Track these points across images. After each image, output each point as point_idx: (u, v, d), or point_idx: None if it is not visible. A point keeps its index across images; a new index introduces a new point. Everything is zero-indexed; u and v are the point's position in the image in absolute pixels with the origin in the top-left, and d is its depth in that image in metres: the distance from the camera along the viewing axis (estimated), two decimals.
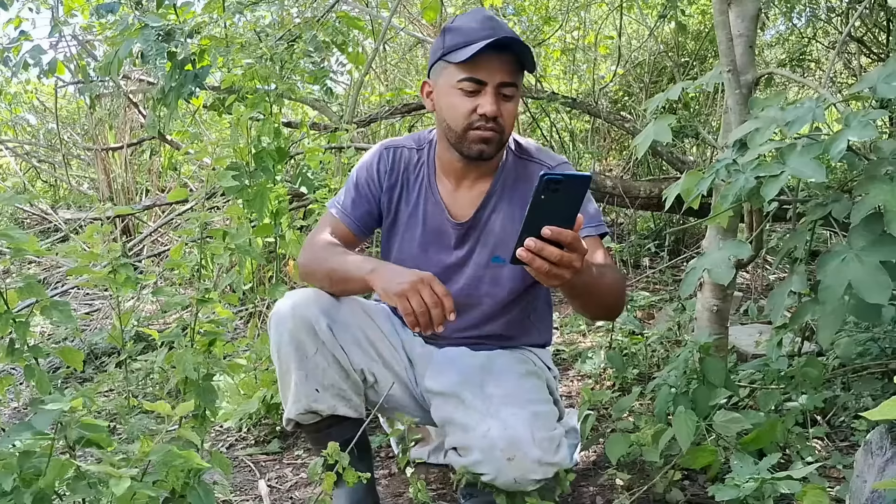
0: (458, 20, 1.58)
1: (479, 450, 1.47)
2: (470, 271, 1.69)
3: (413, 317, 1.39)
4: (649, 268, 4.10)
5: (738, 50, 1.99)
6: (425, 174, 1.71)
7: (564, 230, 1.22)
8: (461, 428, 1.53)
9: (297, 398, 1.62)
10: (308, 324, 1.58)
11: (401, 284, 1.41)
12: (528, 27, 5.12)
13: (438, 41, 1.59)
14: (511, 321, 1.75)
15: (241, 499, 1.93)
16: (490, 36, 1.49)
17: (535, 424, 1.48)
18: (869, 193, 1.42)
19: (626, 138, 5.50)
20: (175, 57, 2.72)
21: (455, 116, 1.56)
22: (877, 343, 2.29)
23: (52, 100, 5.48)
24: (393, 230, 1.74)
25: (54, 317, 1.28)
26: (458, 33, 1.54)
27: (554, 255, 1.22)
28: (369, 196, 1.73)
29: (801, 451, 1.88)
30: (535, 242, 1.21)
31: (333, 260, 1.63)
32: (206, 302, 1.41)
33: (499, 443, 1.45)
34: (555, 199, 1.20)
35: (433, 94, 1.63)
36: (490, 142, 1.56)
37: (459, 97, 1.54)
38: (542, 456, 1.46)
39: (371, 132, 5.04)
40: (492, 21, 1.55)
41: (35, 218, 5.61)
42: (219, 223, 3.98)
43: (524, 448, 1.45)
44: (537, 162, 1.69)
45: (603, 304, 1.54)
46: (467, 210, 1.68)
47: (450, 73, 1.55)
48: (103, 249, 1.39)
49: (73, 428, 1.11)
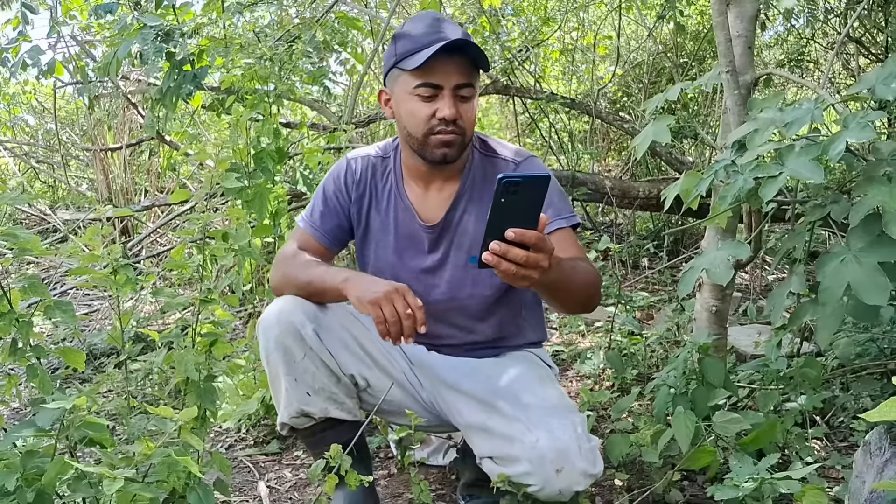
0: (407, 26, 1.58)
1: (528, 461, 1.47)
2: (448, 274, 1.69)
3: (384, 325, 1.40)
4: (648, 268, 4.10)
5: (737, 50, 1.99)
6: (393, 181, 1.71)
7: (528, 231, 1.22)
8: (503, 438, 1.52)
9: (288, 402, 1.63)
10: (294, 329, 1.58)
11: (375, 293, 1.42)
12: (527, 27, 5.12)
13: (390, 48, 1.59)
14: (502, 321, 1.74)
15: (241, 499, 1.93)
16: (440, 39, 1.50)
17: (580, 436, 1.49)
18: (867, 194, 1.43)
19: (624, 139, 5.51)
20: (173, 57, 2.72)
21: (415, 123, 1.56)
22: (875, 343, 2.30)
23: (51, 100, 5.48)
24: (366, 240, 1.74)
25: (57, 317, 1.29)
26: (408, 39, 1.55)
27: (520, 256, 1.22)
28: (338, 208, 1.73)
29: (800, 452, 1.89)
30: (499, 246, 1.21)
31: (305, 273, 1.63)
32: (208, 303, 1.41)
33: (548, 454, 1.45)
34: (515, 201, 1.19)
35: (391, 101, 1.63)
36: (452, 144, 1.57)
37: (417, 103, 1.55)
38: (587, 467, 1.47)
39: (370, 132, 5.04)
40: (440, 23, 1.55)
41: (34, 218, 5.61)
42: (218, 224, 3.98)
43: (572, 459, 1.46)
44: (503, 159, 1.69)
45: (576, 298, 1.53)
46: (437, 213, 1.68)
47: (405, 81, 1.55)
48: (103, 250, 1.39)
49: (75, 427, 1.11)
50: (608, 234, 4.33)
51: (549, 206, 1.61)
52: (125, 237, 4.76)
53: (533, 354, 1.79)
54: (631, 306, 2.66)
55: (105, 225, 3.62)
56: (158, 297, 1.49)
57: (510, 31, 5.08)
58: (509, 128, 5.93)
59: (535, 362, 1.75)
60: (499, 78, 4.41)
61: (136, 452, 1.09)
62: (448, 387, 1.68)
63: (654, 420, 1.95)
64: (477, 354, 1.74)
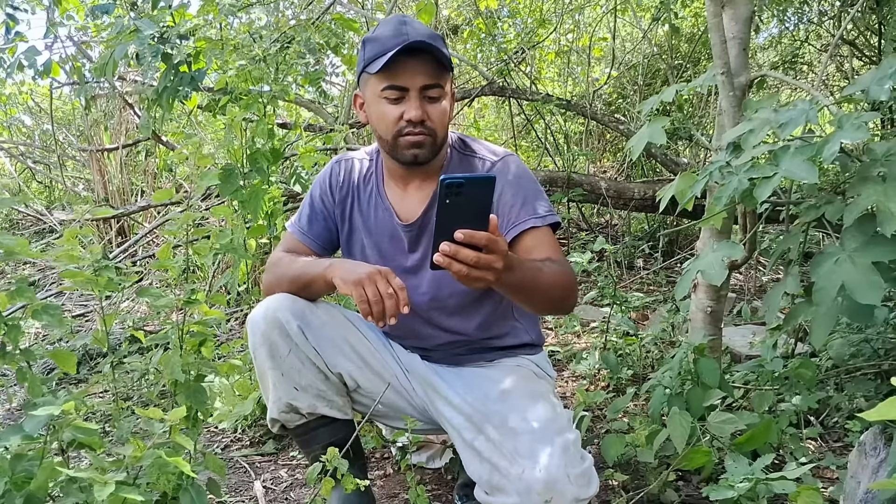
0: (376, 30, 1.59)
1: (517, 492, 1.44)
2: (429, 274, 1.68)
3: (367, 305, 1.40)
4: (643, 269, 4.11)
5: (732, 52, 1.99)
6: (374, 183, 1.73)
7: (478, 232, 1.21)
8: (490, 464, 1.50)
9: (276, 397, 1.64)
10: (279, 324, 1.59)
11: (358, 274, 1.43)
12: (523, 29, 5.13)
13: (360, 53, 1.60)
14: (488, 320, 1.72)
15: (237, 500, 1.93)
16: (403, 42, 1.50)
17: (568, 461, 1.44)
18: (861, 194, 1.43)
19: (620, 140, 5.52)
20: (170, 59, 2.71)
21: (384, 126, 1.58)
22: (870, 344, 2.30)
23: (48, 101, 5.47)
24: (351, 241, 1.75)
25: (44, 320, 1.28)
26: (375, 43, 1.55)
27: (470, 257, 1.22)
28: (324, 211, 1.75)
29: (794, 452, 1.89)
30: (448, 247, 1.21)
31: (292, 268, 1.64)
32: (192, 303, 1.41)
33: (535, 486, 1.42)
34: (461, 202, 1.19)
35: (364, 105, 1.64)
36: (422, 145, 1.57)
37: (385, 106, 1.56)
38: (578, 493, 1.43)
39: (367, 133, 5.04)
40: (405, 26, 1.55)
41: (30, 219, 5.60)
42: (215, 224, 3.98)
43: (561, 488, 1.42)
44: (480, 157, 1.69)
45: (544, 300, 1.50)
46: (414, 212, 1.68)
47: (373, 84, 1.56)
48: (84, 252, 1.39)
49: (64, 430, 1.11)
50: (603, 234, 4.34)
51: (522, 205, 1.60)
52: (122, 238, 4.75)
53: (529, 361, 1.76)
54: (626, 307, 2.66)
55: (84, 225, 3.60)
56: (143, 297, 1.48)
57: (506, 32, 5.09)
58: (505, 129, 5.93)
59: (528, 375, 1.72)
60: (495, 79, 4.42)
61: (127, 455, 1.09)
62: (440, 397, 1.67)
63: (650, 420, 1.95)
64: (469, 358, 1.74)
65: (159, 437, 1.12)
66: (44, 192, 6.45)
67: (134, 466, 1.13)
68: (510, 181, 1.64)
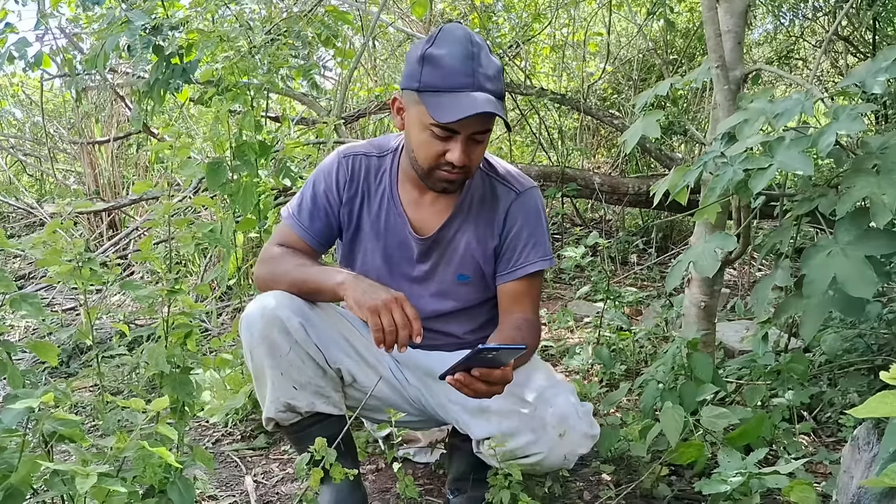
0: (439, 47, 1.48)
1: (531, 430, 1.50)
2: (434, 287, 1.69)
3: (381, 333, 1.39)
4: (637, 264, 4.10)
5: (727, 46, 1.98)
6: (387, 184, 1.68)
7: (494, 372, 1.33)
8: (501, 414, 1.53)
9: (274, 396, 1.60)
10: (280, 323, 1.55)
11: (374, 300, 1.40)
12: (518, 23, 5.11)
13: (416, 68, 1.49)
14: (484, 324, 1.74)
15: (228, 494, 1.91)
16: (472, 87, 1.44)
17: (576, 401, 1.55)
18: (855, 186, 1.42)
19: (614, 135, 5.50)
20: (162, 51, 2.69)
21: (423, 155, 1.53)
22: (863, 339, 2.30)
23: (38, 93, 5.42)
24: (355, 241, 1.71)
25: (24, 310, 1.26)
26: (437, 70, 1.46)
27: (481, 389, 1.34)
28: (328, 209, 1.69)
29: (787, 447, 1.89)
30: (464, 377, 1.33)
31: (299, 271, 1.60)
32: (175, 293, 1.39)
33: (550, 420, 1.50)
34: (488, 359, 1.32)
35: (404, 114, 1.56)
36: (454, 182, 1.56)
37: (430, 138, 1.49)
38: (587, 429, 1.54)
39: (360, 127, 5.02)
40: (473, 62, 1.46)
41: (20, 212, 5.56)
42: (208, 218, 3.95)
43: (572, 422, 1.51)
44: (506, 184, 1.68)
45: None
46: (431, 226, 1.66)
47: (423, 113, 1.48)
48: (67, 245, 1.37)
49: (45, 423, 1.09)
50: (597, 230, 4.33)
51: (534, 245, 1.66)
52: (112, 231, 4.72)
53: None
54: (619, 302, 2.65)
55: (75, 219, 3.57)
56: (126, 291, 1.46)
57: (501, 26, 5.06)
58: (499, 123, 5.90)
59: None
60: None
61: (110, 447, 1.07)
62: (437, 378, 1.66)
63: (643, 415, 1.94)
64: None
65: (143, 428, 1.11)
66: (34, 185, 6.40)
67: (118, 458, 1.12)
68: (529, 219, 1.66)
